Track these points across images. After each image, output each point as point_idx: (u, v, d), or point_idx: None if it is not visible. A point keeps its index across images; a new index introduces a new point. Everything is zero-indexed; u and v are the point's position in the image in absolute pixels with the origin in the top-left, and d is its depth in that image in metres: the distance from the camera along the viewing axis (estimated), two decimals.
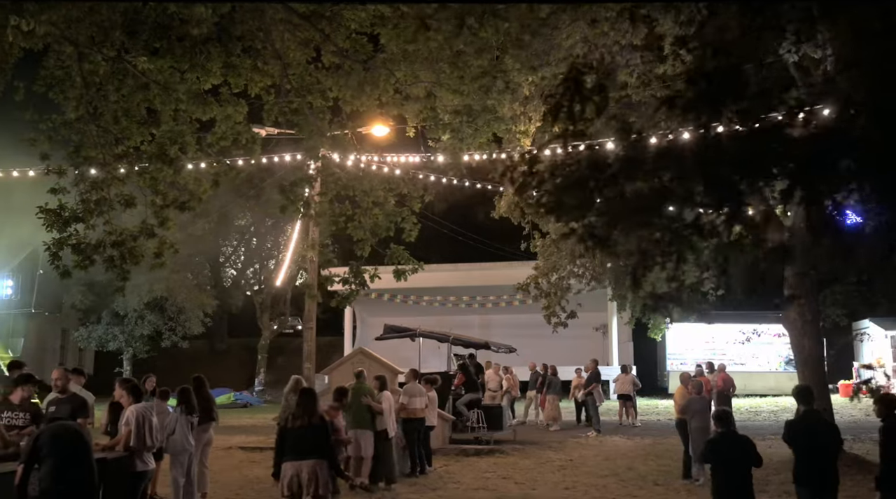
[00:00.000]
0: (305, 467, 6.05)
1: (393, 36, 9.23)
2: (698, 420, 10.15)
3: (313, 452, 6.12)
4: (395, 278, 8.91)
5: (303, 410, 6.20)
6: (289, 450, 6.20)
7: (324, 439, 6.21)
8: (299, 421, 6.18)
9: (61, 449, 5.07)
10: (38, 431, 5.19)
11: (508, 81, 8.71)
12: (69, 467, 5.05)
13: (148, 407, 6.44)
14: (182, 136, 9.44)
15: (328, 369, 13.59)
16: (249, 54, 9.79)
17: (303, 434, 6.17)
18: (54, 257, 9.30)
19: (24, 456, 5.11)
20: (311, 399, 6.32)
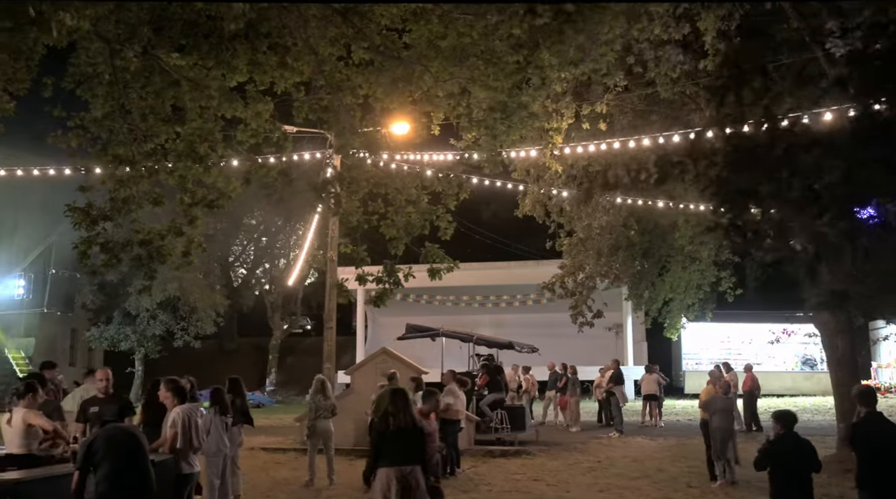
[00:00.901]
0: (405, 473, 5.82)
1: (424, 32, 9.09)
2: (719, 419, 10.03)
3: (413, 457, 5.90)
4: (430, 277, 8.78)
5: (399, 412, 5.97)
6: (385, 455, 5.97)
7: (421, 444, 5.98)
8: (396, 423, 5.96)
9: (117, 453, 4.94)
10: (92, 434, 5.07)
11: (545, 78, 8.58)
12: (126, 471, 4.93)
13: (193, 408, 6.32)
14: (212, 133, 9.32)
15: (351, 370, 13.47)
16: (276, 51, 9.66)
17: (400, 438, 5.90)
18: (83, 256, 9.17)
19: (79, 460, 4.99)
20: (405, 401, 6.11)
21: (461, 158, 8.95)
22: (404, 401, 6.18)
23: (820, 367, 25.84)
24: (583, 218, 13.13)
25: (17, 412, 6.07)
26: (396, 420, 5.94)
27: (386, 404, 6.36)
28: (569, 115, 9.86)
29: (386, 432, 6.04)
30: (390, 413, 6.02)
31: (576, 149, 11.14)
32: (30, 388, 6.18)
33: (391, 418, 5.99)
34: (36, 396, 6.21)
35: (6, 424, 6.12)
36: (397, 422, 5.93)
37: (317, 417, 9.82)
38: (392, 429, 5.98)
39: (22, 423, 5.94)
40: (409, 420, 6.00)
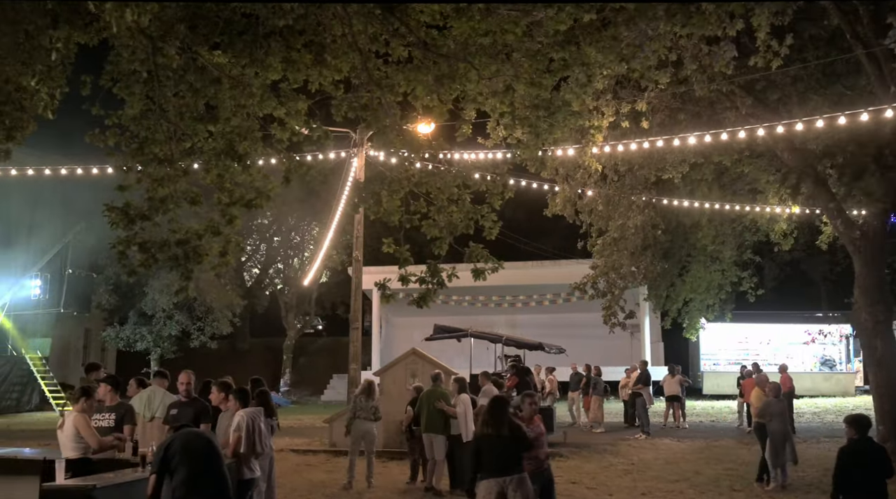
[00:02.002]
0: (508, 484, 5.66)
1: (466, 29, 8.96)
2: (777, 423, 9.89)
3: (511, 468, 5.71)
4: (474, 278, 8.64)
5: (497, 420, 5.83)
6: (486, 466, 5.82)
7: (520, 453, 5.82)
8: (495, 432, 5.81)
9: (194, 458, 4.83)
10: (167, 438, 4.96)
11: (590, 75, 8.45)
12: (203, 476, 4.82)
13: (257, 412, 6.20)
14: (251, 131, 9.20)
15: (379, 371, 13.35)
16: (310, 49, 9.55)
17: (502, 448, 5.73)
18: (121, 256, 9.05)
19: (155, 465, 4.88)
20: (503, 409, 5.98)
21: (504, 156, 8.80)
22: (502, 409, 5.97)
23: (839, 367, 25.73)
24: (616, 218, 13.02)
25: (69, 417, 5.96)
26: (495, 429, 5.79)
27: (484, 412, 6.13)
28: (609, 114, 9.74)
29: (484, 442, 5.86)
30: (488, 422, 5.87)
31: (616, 147, 11.03)
32: (84, 392, 6.07)
33: (489, 427, 5.83)
34: (90, 400, 6.10)
35: (59, 428, 6.02)
36: (496, 431, 5.78)
37: (355, 416, 9.71)
38: (490, 439, 5.80)
39: (73, 428, 5.83)
40: (507, 429, 5.79)
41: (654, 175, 14.09)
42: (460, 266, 8.82)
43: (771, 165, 15.99)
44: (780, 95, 11.98)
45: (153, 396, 8.07)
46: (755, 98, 11.62)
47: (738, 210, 17.27)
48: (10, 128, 10.10)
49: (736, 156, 14.12)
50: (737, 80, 11.03)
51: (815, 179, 11.92)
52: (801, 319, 25.86)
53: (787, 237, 18.36)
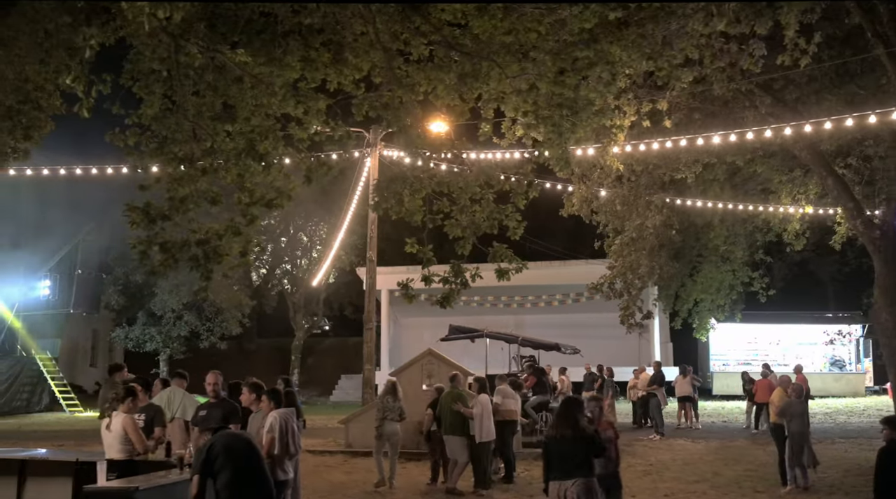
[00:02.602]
0: (571, 487, 5.58)
1: (488, 27, 8.91)
2: (797, 425, 9.83)
3: (579, 469, 5.63)
4: (497, 278, 8.59)
5: (563, 421, 5.76)
6: (553, 467, 5.76)
7: (590, 455, 5.72)
8: (559, 433, 5.75)
9: (237, 460, 4.79)
10: (209, 440, 4.91)
11: (615, 73, 8.39)
12: (247, 478, 4.78)
13: (290, 413, 6.15)
14: (272, 131, 9.16)
15: (395, 371, 13.30)
16: (329, 48, 9.50)
17: (565, 450, 5.65)
18: (142, 256, 9.00)
19: (197, 466, 4.83)
20: (572, 409, 5.90)
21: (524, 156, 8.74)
22: (570, 410, 5.87)
23: (849, 368, 25.65)
24: (633, 217, 12.96)
25: (116, 417, 5.91)
26: (560, 430, 5.73)
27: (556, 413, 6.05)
28: (631, 113, 9.69)
29: (550, 443, 5.82)
30: (555, 423, 5.82)
31: (635, 147, 10.97)
32: (130, 392, 6.03)
33: (555, 428, 5.77)
34: (136, 400, 6.06)
35: (105, 429, 5.97)
36: (561, 432, 5.72)
37: (385, 418, 9.66)
38: (555, 440, 5.75)
39: (122, 429, 5.79)
40: (572, 431, 5.70)
41: (669, 175, 14.04)
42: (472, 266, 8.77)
43: (783, 165, 15.93)
44: (799, 94, 11.93)
45: (173, 396, 8.04)
46: (774, 97, 11.56)
47: (752, 210, 17.20)
48: (27, 127, 10.06)
49: (749, 156, 14.08)
50: (755, 80, 10.99)
51: (835, 178, 11.86)
52: (812, 319, 25.79)
53: (800, 237, 18.28)
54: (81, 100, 7.17)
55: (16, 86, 9.26)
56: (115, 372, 8.58)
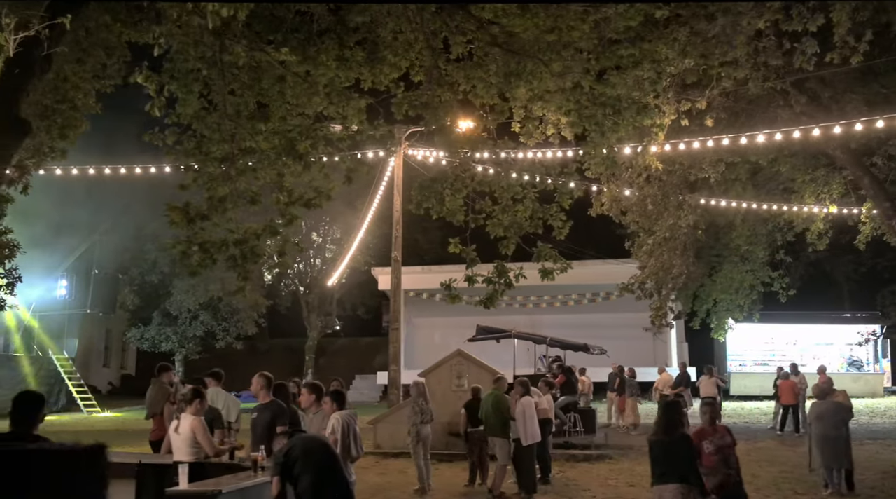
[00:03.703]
0: (666, 492, 5.50)
1: (530, 26, 8.85)
2: (816, 426, 9.79)
3: (673, 475, 5.50)
4: (541, 278, 8.53)
5: (659, 425, 5.67)
6: (653, 471, 5.72)
7: (687, 460, 5.59)
8: (655, 437, 5.68)
9: (316, 463, 4.74)
10: (287, 443, 4.86)
11: (660, 72, 8.34)
12: (327, 482, 4.73)
13: (352, 415, 6.08)
14: (313, 130, 9.10)
15: (424, 372, 13.22)
16: (363, 47, 9.45)
17: (662, 454, 5.57)
18: (183, 256, 8.94)
19: (276, 469, 4.78)
20: (669, 413, 5.82)
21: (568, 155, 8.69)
22: (669, 413, 5.75)
23: (867, 368, 25.53)
24: (665, 217, 12.89)
25: (185, 420, 5.84)
26: (657, 434, 5.65)
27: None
28: (670, 112, 9.62)
29: (651, 447, 5.72)
30: (655, 427, 5.72)
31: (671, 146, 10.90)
32: (197, 394, 5.96)
33: (654, 433, 5.68)
34: (203, 402, 5.99)
35: (174, 431, 5.91)
36: (658, 436, 5.64)
37: (422, 421, 9.58)
38: (654, 444, 5.67)
39: (190, 431, 5.72)
40: (669, 435, 5.58)
41: (694, 175, 13.97)
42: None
43: (806, 164, 15.86)
44: (832, 93, 11.86)
45: (216, 397, 7.98)
46: (809, 96, 11.49)
47: (776, 210, 17.11)
48: (62, 126, 10.02)
49: (772, 155, 14.00)
50: (790, 79, 10.92)
51: (871, 177, 11.79)
52: (829, 319, 25.69)
53: (822, 237, 18.19)
54: (153, 99, 7.09)
55: (54, 85, 9.21)
56: (162, 373, 8.52)
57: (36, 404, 3.62)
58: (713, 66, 8.11)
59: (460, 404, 12.50)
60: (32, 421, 3.54)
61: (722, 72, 8.44)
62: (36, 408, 3.59)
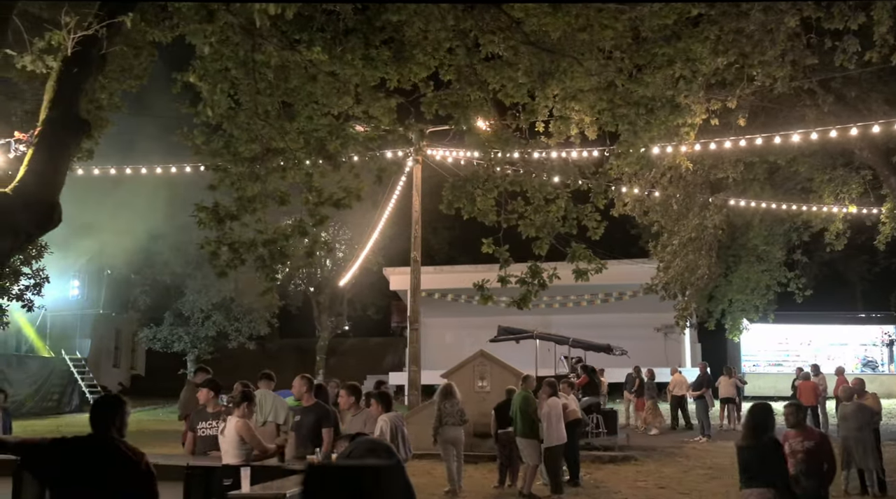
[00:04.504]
0: (752, 497, 5.34)
1: (561, 24, 8.77)
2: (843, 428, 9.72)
3: (761, 479, 5.33)
4: (575, 279, 8.46)
5: (751, 429, 5.56)
6: (740, 476, 5.62)
7: (775, 465, 5.42)
8: (742, 442, 5.58)
9: None
10: (349, 446, 4.79)
11: (695, 71, 8.26)
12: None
13: (400, 416, 6.02)
14: (342, 129, 9.03)
15: (447, 372, 13.16)
16: (390, 46, 9.38)
17: (751, 459, 5.40)
18: (213, 256, 8.88)
19: None
20: (761, 416, 5.71)
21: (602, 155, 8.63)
22: (754, 417, 5.56)
23: (882, 369, 25.42)
24: (690, 217, 12.80)
25: (230, 422, 5.78)
26: (744, 439, 5.54)
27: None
28: (701, 111, 9.55)
29: (738, 451, 5.56)
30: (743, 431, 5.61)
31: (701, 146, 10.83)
32: (245, 397, 5.89)
33: (743, 438, 5.56)
34: (252, 405, 5.92)
35: (220, 433, 5.84)
36: (744, 441, 5.52)
37: (443, 423, 9.50)
38: (741, 449, 5.51)
39: (235, 433, 5.65)
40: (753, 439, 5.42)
41: (714, 175, 13.90)
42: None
43: (824, 163, 15.77)
44: (858, 92, 11.78)
45: (263, 399, 7.89)
46: (835, 95, 11.41)
47: (795, 209, 17.02)
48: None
49: (791, 155, 13.91)
50: (816, 78, 10.85)
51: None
52: (844, 320, 25.59)
53: (840, 237, 18.10)
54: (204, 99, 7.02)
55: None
56: (200, 373, 8.46)
57: (113, 406, 3.57)
58: (752, 65, 8.04)
59: (482, 405, 12.45)
60: (110, 423, 3.49)
61: (760, 70, 8.36)
62: (112, 410, 3.54)
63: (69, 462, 3.32)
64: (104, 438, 3.44)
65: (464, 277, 28.04)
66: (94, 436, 3.45)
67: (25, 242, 3.95)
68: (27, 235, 3.92)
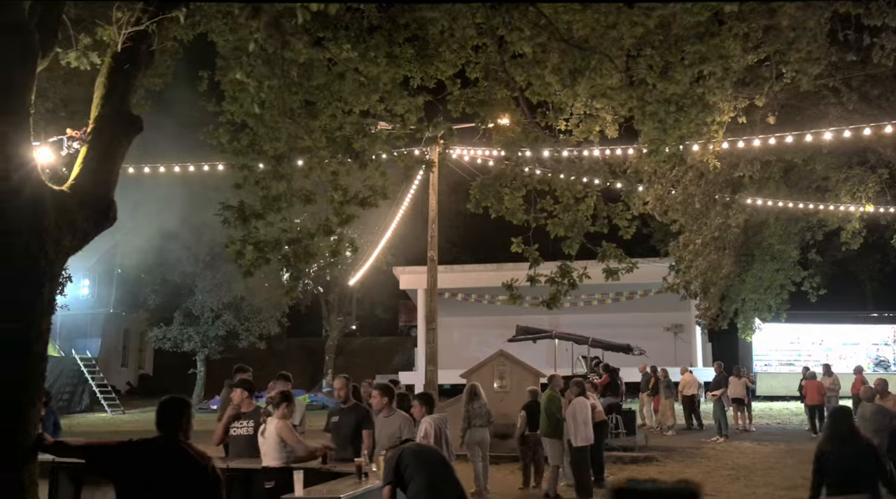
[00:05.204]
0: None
1: (590, 21, 8.68)
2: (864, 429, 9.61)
3: (858, 485, 5.16)
4: (606, 278, 8.39)
5: (836, 433, 5.36)
6: (828, 482, 5.47)
7: (871, 469, 5.27)
8: (831, 447, 5.42)
9: (429, 465, 4.62)
10: (397, 449, 4.73)
11: (727, 68, 8.17)
12: (441, 485, 4.60)
13: (444, 418, 5.94)
14: (369, 128, 8.96)
15: (467, 372, 13.09)
16: (413, 44, 9.31)
17: (842, 465, 5.21)
18: (238, 256, 8.80)
19: (388, 475, 4.66)
20: (845, 420, 5.58)
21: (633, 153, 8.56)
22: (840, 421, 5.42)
23: (893, 368, 25.31)
24: (713, 216, 12.71)
25: (271, 423, 5.70)
26: (832, 444, 5.34)
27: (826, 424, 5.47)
28: (728, 110, 9.47)
29: (825, 457, 5.33)
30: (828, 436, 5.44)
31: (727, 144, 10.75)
32: (285, 397, 5.81)
33: (828, 442, 5.38)
34: (291, 405, 5.85)
35: (261, 435, 5.75)
36: (834, 446, 5.32)
37: (471, 425, 9.43)
38: (831, 454, 5.30)
39: (276, 435, 5.57)
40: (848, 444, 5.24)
41: (735, 174, 13.81)
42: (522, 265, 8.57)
43: (841, 162, 15.67)
44: (881, 90, 11.69)
45: None
46: (858, 93, 11.33)
47: (812, 208, 16.92)
48: None
49: (808, 153, 13.82)
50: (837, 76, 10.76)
51: None
52: (856, 319, 25.50)
53: (856, 236, 17.99)
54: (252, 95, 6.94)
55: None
56: (237, 373, 8.39)
57: (180, 409, 3.50)
58: (787, 62, 7.96)
59: (501, 405, 12.37)
60: (178, 426, 3.42)
61: (796, 67, 8.28)
62: (180, 413, 3.47)
63: (139, 466, 3.26)
64: (173, 441, 3.37)
65: (470, 276, 28.07)
66: (162, 439, 3.39)
67: (83, 242, 3.88)
68: (84, 233, 3.85)
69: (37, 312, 3.35)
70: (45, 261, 3.41)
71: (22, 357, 3.30)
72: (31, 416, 3.31)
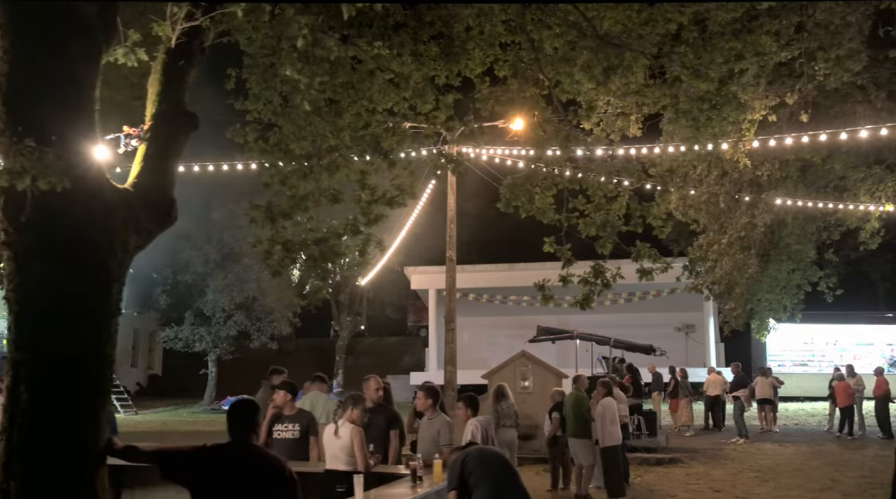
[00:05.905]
0: None
1: (622, 18, 8.59)
2: None
3: None
4: (640, 278, 8.28)
5: None
6: None
7: None
8: None
9: (494, 472, 4.54)
10: (461, 454, 4.64)
11: (763, 65, 8.07)
12: (508, 490, 4.52)
13: (489, 420, 5.85)
14: (399, 126, 8.87)
15: (489, 373, 12.99)
16: (439, 42, 9.22)
17: None
18: (266, 256, 8.72)
19: (453, 481, 4.57)
20: None
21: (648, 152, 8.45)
22: None
23: None
24: (738, 216, 12.60)
25: (345, 428, 5.54)
26: None
27: None
28: (760, 108, 9.36)
29: None
30: None
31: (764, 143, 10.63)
32: (357, 400, 5.68)
33: None
34: (364, 409, 5.73)
35: (333, 435, 5.62)
36: None
37: (500, 426, 9.32)
38: None
39: (350, 441, 5.44)
40: None
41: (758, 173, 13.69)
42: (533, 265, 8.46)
43: (860, 161, 15.54)
44: None
45: (315, 401, 7.76)
46: (887, 92, 11.21)
47: (831, 207, 16.78)
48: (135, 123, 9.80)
49: (826, 152, 13.70)
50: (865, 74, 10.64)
51: None
52: (869, 319, 25.37)
53: (875, 236, 17.85)
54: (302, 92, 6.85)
55: (131, 80, 8.99)
56: (273, 375, 8.29)
57: (251, 412, 3.42)
58: (827, 59, 7.85)
59: (525, 406, 12.26)
60: (251, 430, 3.35)
61: (836, 65, 8.17)
62: (252, 417, 3.39)
63: (215, 471, 3.18)
64: (248, 445, 3.29)
65: (482, 276, 27.95)
66: (236, 443, 3.31)
67: (147, 241, 3.80)
68: (148, 232, 3.77)
69: (106, 313, 3.27)
70: (113, 261, 3.33)
71: (93, 360, 3.22)
72: (101, 420, 3.23)
